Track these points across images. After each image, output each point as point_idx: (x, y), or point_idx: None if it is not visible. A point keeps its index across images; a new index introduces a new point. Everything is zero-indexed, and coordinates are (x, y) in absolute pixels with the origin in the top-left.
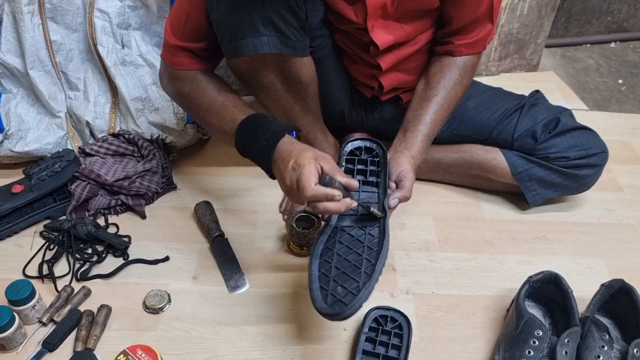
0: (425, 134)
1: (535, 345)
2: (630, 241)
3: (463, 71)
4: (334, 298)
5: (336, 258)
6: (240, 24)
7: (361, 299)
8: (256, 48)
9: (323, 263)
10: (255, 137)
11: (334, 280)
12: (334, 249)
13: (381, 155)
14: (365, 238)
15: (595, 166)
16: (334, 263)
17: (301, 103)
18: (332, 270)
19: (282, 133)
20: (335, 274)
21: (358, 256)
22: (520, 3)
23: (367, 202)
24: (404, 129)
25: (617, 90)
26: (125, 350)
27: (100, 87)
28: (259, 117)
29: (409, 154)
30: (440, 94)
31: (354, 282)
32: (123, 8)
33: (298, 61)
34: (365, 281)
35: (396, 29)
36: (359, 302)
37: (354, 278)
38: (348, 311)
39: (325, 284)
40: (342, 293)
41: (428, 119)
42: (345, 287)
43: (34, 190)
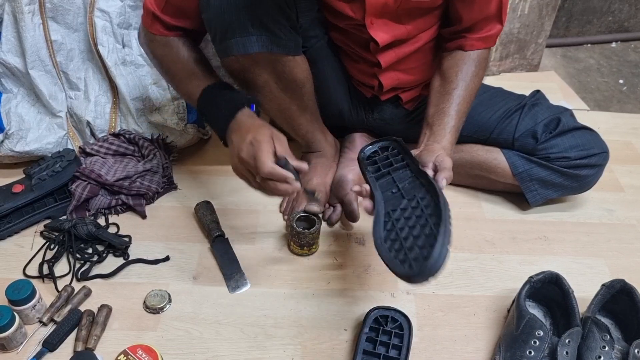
0: (453, 125)
1: (536, 346)
2: (631, 241)
3: (478, 63)
4: (416, 260)
5: (401, 232)
6: (230, 23)
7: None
8: (245, 47)
9: (391, 244)
10: (217, 104)
11: (409, 249)
12: (394, 228)
13: (397, 146)
14: (418, 203)
15: (596, 166)
16: (402, 237)
17: (297, 102)
18: (402, 243)
19: (242, 104)
20: (408, 244)
21: (420, 218)
22: (521, 3)
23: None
24: (429, 124)
25: (618, 90)
26: (125, 350)
27: (101, 87)
28: (223, 85)
29: (439, 145)
30: (460, 86)
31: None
32: (123, 8)
33: (290, 60)
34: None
35: (396, 26)
36: (442, 251)
37: (426, 234)
38: (437, 264)
39: (402, 257)
40: (422, 251)
41: (453, 112)
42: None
43: (35, 190)
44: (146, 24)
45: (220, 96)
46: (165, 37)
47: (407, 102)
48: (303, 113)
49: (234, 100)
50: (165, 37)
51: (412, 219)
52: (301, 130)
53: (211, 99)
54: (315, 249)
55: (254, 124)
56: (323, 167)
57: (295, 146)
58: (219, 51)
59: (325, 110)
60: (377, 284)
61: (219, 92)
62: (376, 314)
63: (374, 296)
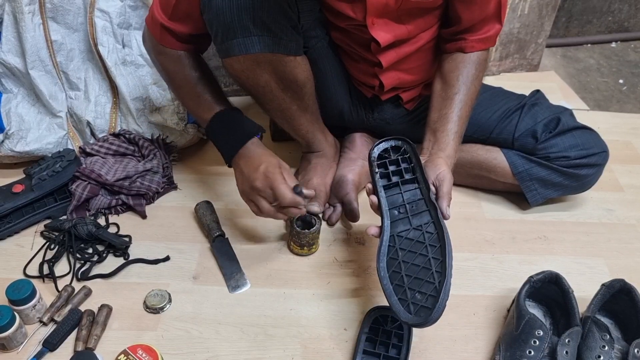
0: (456, 132)
1: (536, 345)
2: (631, 241)
3: (478, 65)
4: (416, 306)
5: (404, 266)
6: (231, 24)
7: (444, 299)
8: (247, 48)
9: (393, 275)
10: (228, 129)
11: (410, 289)
12: (398, 258)
13: (409, 150)
14: (424, 238)
15: (596, 166)
16: (404, 272)
17: (298, 103)
18: (404, 279)
19: (251, 135)
20: (409, 282)
21: (424, 257)
22: (521, 3)
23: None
24: (432, 130)
25: (618, 90)
26: (125, 350)
27: (101, 87)
28: (235, 113)
29: (444, 154)
30: (462, 90)
31: (429, 284)
32: (124, 8)
33: (292, 60)
34: (440, 280)
35: (397, 26)
36: (442, 303)
37: (428, 281)
38: (435, 315)
39: (403, 295)
40: (422, 299)
41: (455, 117)
42: (423, 292)
43: (35, 190)
44: (155, 35)
45: (233, 122)
46: (176, 52)
47: (407, 101)
48: (304, 113)
49: (245, 129)
50: (177, 51)
51: (416, 255)
52: (301, 130)
53: (223, 124)
54: (315, 249)
55: (264, 154)
56: (323, 167)
57: (296, 146)
58: (220, 51)
59: (326, 110)
60: (377, 283)
61: (231, 118)
62: (376, 314)
63: (374, 296)
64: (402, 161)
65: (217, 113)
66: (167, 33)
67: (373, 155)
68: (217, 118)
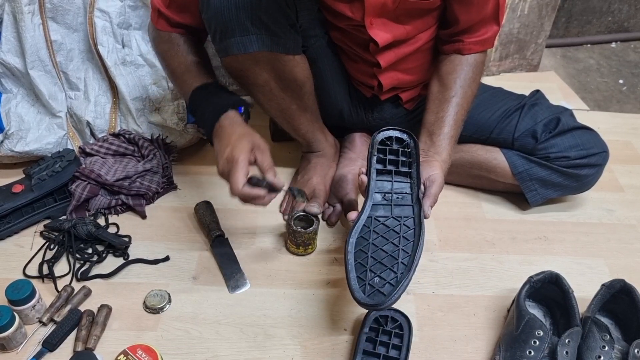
0: (452, 136)
1: (536, 346)
2: (631, 241)
3: (475, 68)
4: (372, 289)
5: (372, 248)
6: (229, 22)
7: (400, 290)
8: (245, 46)
9: (359, 253)
10: (202, 106)
11: (371, 271)
12: (369, 239)
13: (412, 146)
14: (400, 229)
15: (596, 166)
16: (370, 253)
17: (298, 102)
18: (368, 261)
19: (226, 108)
20: (372, 265)
21: (394, 247)
22: (521, 3)
23: (401, 192)
24: (429, 132)
25: (618, 90)
26: (125, 350)
27: (101, 87)
28: (213, 86)
29: (440, 158)
30: (458, 93)
31: (391, 273)
32: (123, 8)
33: (290, 60)
34: (403, 272)
35: (396, 27)
36: (398, 293)
37: (391, 269)
38: (387, 302)
39: (362, 275)
40: (380, 284)
41: (451, 121)
42: (382, 278)
43: (35, 190)
44: (153, 20)
45: (209, 97)
46: (168, 33)
47: (407, 101)
48: (303, 113)
49: (220, 103)
50: (169, 32)
51: (388, 243)
52: (301, 130)
53: (200, 99)
54: (311, 249)
55: (235, 132)
56: (323, 167)
57: (295, 146)
58: (219, 51)
59: (325, 110)
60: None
61: (208, 93)
62: (376, 314)
63: None
64: (402, 154)
65: (196, 88)
66: (162, 18)
67: (376, 139)
68: (196, 93)
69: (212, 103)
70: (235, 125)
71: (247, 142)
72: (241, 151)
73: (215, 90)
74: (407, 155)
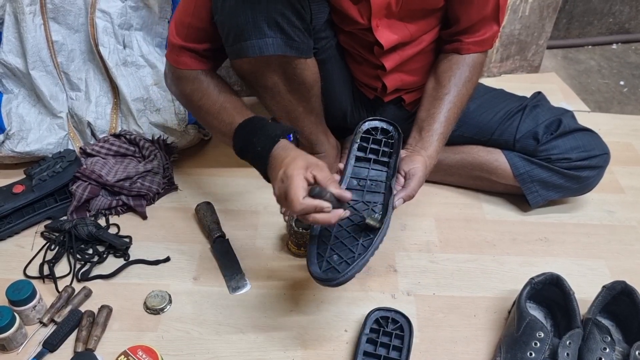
0: (441, 133)
1: (537, 347)
2: (632, 243)
3: (472, 69)
4: (328, 265)
5: (337, 228)
6: (245, 25)
7: (354, 269)
8: (261, 49)
9: (324, 231)
10: (252, 142)
11: (331, 249)
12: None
13: (396, 137)
14: (367, 213)
15: (597, 168)
16: (334, 232)
17: (304, 104)
18: (330, 239)
19: (277, 138)
20: (334, 243)
21: (358, 229)
22: (522, 4)
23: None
24: (419, 128)
25: (619, 91)
26: (125, 351)
27: (102, 88)
28: (257, 120)
29: (425, 153)
30: (452, 92)
31: (349, 252)
32: (125, 9)
33: (302, 62)
34: (361, 253)
35: (400, 29)
36: (351, 272)
37: (350, 249)
38: (339, 279)
39: (322, 251)
40: (337, 261)
41: (442, 118)
42: (340, 256)
43: (35, 191)
44: (172, 61)
45: (255, 132)
46: (192, 72)
47: (409, 103)
48: (309, 115)
49: (268, 136)
50: (194, 71)
51: (352, 225)
52: (305, 131)
53: (246, 138)
54: None
55: (288, 156)
56: None
57: None
58: (232, 53)
59: (330, 111)
60: (378, 285)
61: (253, 130)
62: (377, 315)
63: (375, 297)
64: (384, 144)
65: (239, 126)
66: (184, 54)
67: (362, 128)
68: (239, 131)
69: (261, 137)
70: (288, 151)
71: (301, 161)
72: (295, 168)
73: (260, 125)
74: (389, 146)
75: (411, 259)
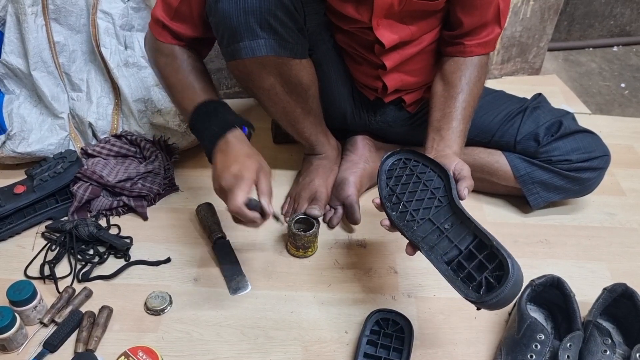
0: (461, 130)
1: (538, 349)
2: (633, 245)
3: (480, 68)
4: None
5: (440, 263)
6: (238, 27)
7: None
8: (253, 51)
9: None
10: (209, 120)
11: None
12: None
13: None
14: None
15: (598, 169)
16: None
17: (302, 105)
18: (456, 266)
19: (234, 124)
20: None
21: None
22: (523, 6)
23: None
24: (436, 128)
25: (620, 94)
26: (126, 352)
27: (103, 89)
28: (220, 104)
29: (450, 151)
30: (465, 90)
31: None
32: (126, 9)
33: (297, 63)
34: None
35: (401, 28)
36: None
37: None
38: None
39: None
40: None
41: (459, 115)
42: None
43: (36, 191)
44: (154, 32)
45: (214, 113)
46: (170, 46)
47: (410, 104)
48: (307, 116)
49: (226, 119)
50: (171, 45)
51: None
52: (305, 133)
53: (205, 113)
54: (311, 252)
55: (243, 151)
56: (325, 169)
57: (297, 148)
58: (226, 54)
59: (329, 112)
60: (378, 286)
61: (213, 109)
62: (377, 317)
63: (375, 299)
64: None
65: (200, 103)
66: (166, 31)
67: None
68: (200, 109)
69: (218, 119)
70: (243, 143)
71: (255, 162)
72: (249, 170)
73: (222, 108)
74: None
75: (412, 260)
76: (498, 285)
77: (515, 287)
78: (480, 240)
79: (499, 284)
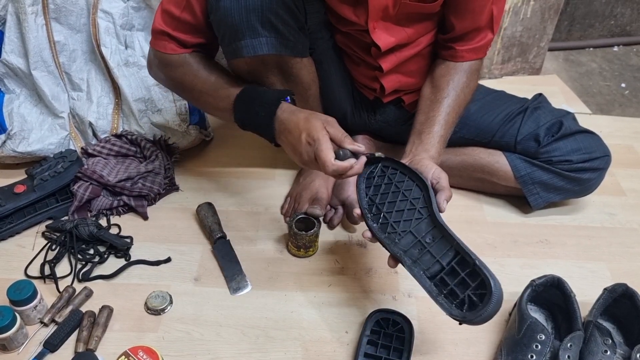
0: (441, 135)
1: (538, 350)
2: (633, 245)
3: (470, 74)
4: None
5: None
6: (239, 25)
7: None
8: (255, 49)
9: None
10: (252, 110)
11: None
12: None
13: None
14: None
15: (598, 170)
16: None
17: (302, 104)
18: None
19: (277, 101)
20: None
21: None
22: (524, 6)
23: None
24: (418, 132)
25: (620, 94)
26: (126, 352)
27: (104, 88)
28: (251, 89)
29: (427, 155)
30: (451, 95)
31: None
32: (126, 9)
33: (298, 62)
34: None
35: (397, 31)
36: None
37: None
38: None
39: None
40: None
41: (442, 120)
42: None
43: (37, 191)
44: (159, 47)
45: (253, 102)
46: (181, 56)
47: (409, 104)
48: None
49: (267, 101)
50: (181, 55)
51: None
52: None
53: (245, 108)
54: (312, 252)
55: (300, 119)
56: None
57: None
58: (227, 53)
59: (329, 112)
60: (379, 286)
61: (250, 99)
62: (377, 317)
63: (376, 299)
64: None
65: (235, 98)
66: (172, 42)
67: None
68: (237, 103)
69: (261, 102)
70: (296, 113)
71: (317, 120)
72: (316, 130)
73: (257, 92)
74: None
75: None
76: (481, 305)
77: (497, 305)
78: (462, 257)
79: (481, 302)
